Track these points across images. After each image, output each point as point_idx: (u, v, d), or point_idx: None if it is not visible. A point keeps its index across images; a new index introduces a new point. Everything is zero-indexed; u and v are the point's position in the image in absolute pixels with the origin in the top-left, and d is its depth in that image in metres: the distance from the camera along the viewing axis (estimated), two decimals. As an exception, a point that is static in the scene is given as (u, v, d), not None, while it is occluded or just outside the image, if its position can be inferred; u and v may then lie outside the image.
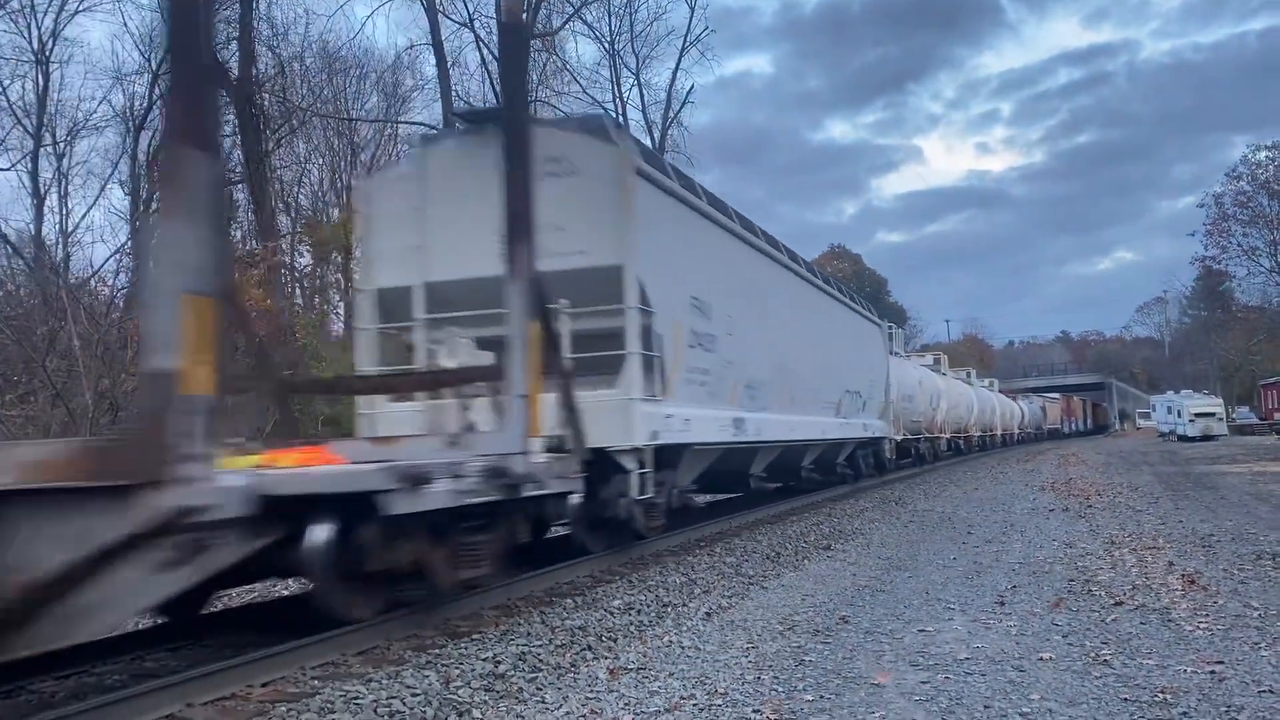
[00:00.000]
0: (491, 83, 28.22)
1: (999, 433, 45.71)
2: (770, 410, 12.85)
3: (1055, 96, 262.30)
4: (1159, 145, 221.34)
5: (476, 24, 28.05)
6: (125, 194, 32.01)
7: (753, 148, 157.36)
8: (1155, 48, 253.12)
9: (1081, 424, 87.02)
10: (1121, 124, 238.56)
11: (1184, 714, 4.26)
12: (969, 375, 42.20)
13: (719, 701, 4.63)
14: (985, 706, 4.44)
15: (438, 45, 25.85)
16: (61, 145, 32.71)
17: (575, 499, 7.72)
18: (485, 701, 4.71)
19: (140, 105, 30.10)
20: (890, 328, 28.39)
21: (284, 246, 29.36)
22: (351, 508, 5.32)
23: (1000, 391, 52.11)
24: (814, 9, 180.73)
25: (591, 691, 4.85)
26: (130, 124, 30.70)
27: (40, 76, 31.46)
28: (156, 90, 26.65)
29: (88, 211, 66.02)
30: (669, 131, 34.48)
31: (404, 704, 4.64)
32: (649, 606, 7.06)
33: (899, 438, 23.52)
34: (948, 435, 32.37)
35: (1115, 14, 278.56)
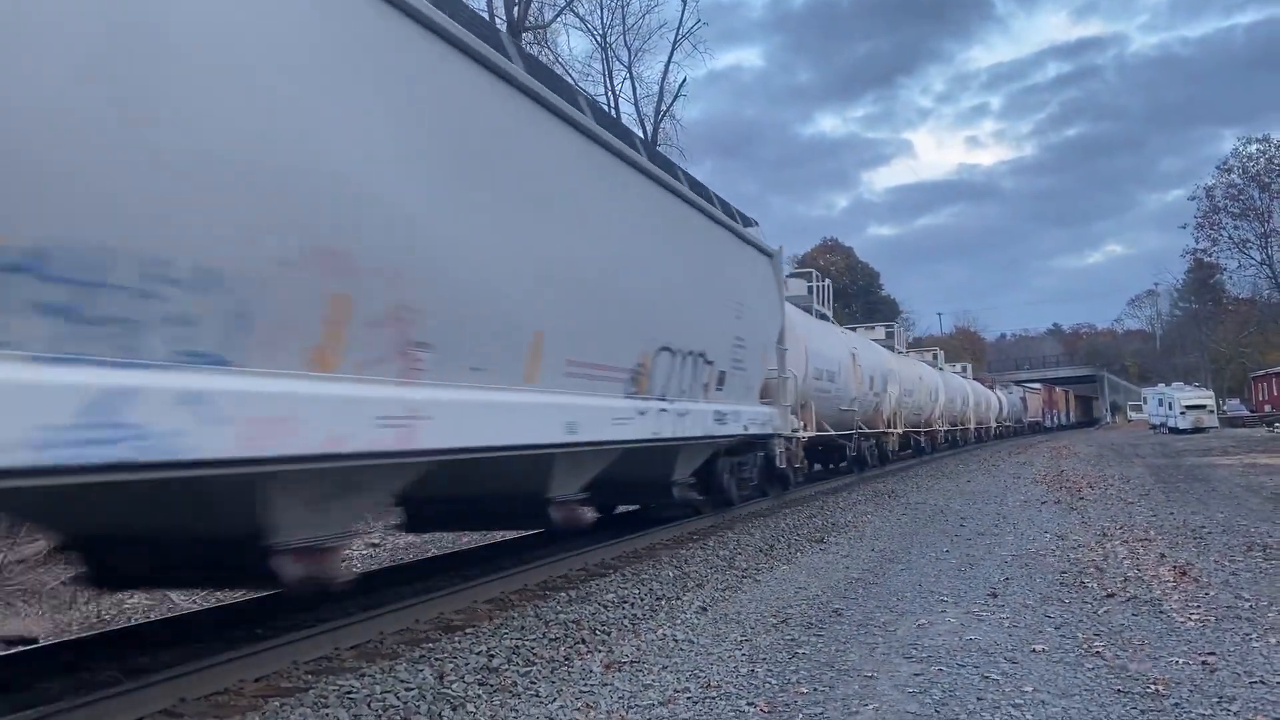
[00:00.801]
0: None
1: (972, 426, 39.73)
2: (381, 373, 4.98)
3: (1044, 90, 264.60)
4: (1147, 139, 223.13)
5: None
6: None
7: (744, 141, 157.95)
8: (1144, 41, 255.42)
9: (1064, 417, 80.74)
10: (1110, 117, 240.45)
11: (1176, 705, 4.27)
12: (935, 357, 36.23)
13: (713, 694, 4.64)
14: (978, 698, 4.45)
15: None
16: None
17: None
18: (479, 696, 4.71)
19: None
20: (811, 276, 20.48)
21: None
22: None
23: (974, 379, 46.00)
24: (804, 2, 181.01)
25: (585, 685, 4.85)
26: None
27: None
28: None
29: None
30: (661, 124, 34.33)
31: (398, 698, 4.64)
32: (642, 600, 7.06)
33: (806, 434, 15.99)
34: (900, 430, 24.75)
35: (1104, 8, 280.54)
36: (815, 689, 4.71)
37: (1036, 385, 70.83)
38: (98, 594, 8.05)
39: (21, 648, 5.93)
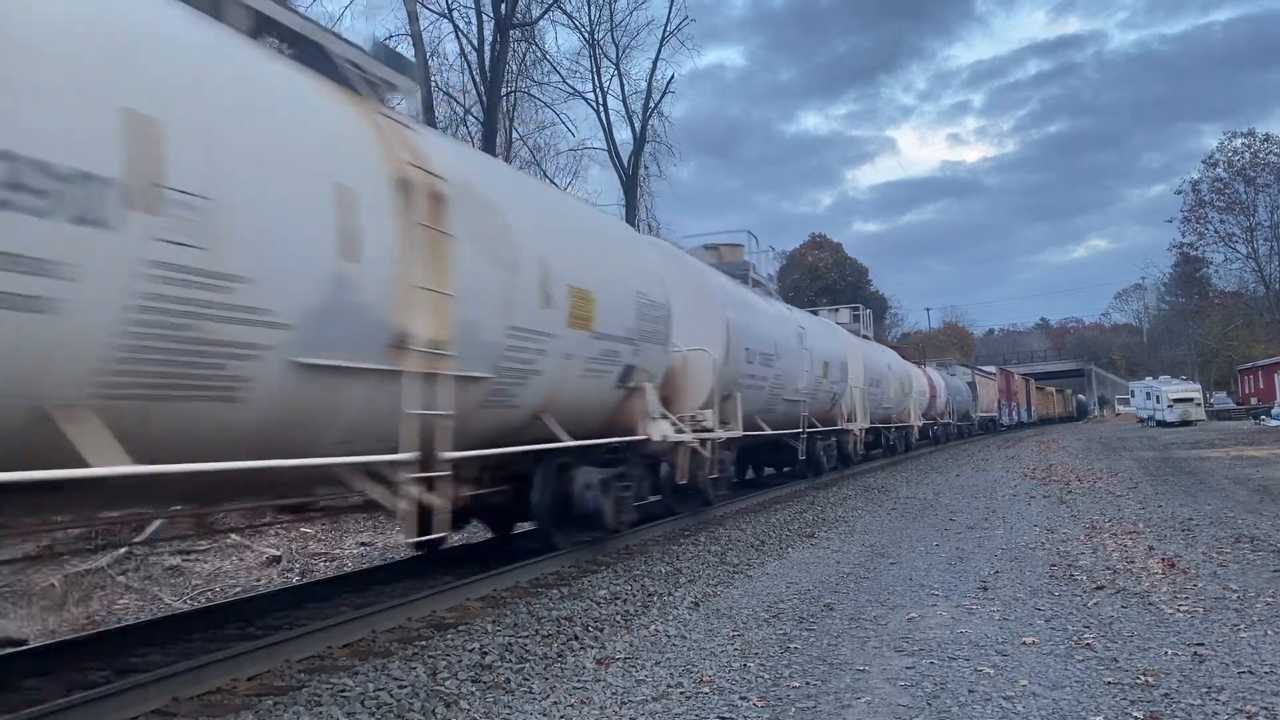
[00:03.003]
0: (471, 74, 28.09)
1: (855, 426, 20.21)
2: None
3: (1026, 87, 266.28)
4: (1128, 134, 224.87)
5: (455, 14, 27.84)
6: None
7: (728, 140, 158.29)
8: (1123, 39, 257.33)
9: (1025, 413, 62.22)
10: (1092, 114, 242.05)
11: (1166, 695, 4.31)
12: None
13: (706, 689, 4.65)
14: (970, 690, 4.48)
15: (416, 36, 25.61)
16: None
17: None
18: (472, 693, 4.71)
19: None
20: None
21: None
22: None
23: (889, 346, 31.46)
24: (784, 1, 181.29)
25: (579, 681, 4.86)
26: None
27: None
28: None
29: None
30: (649, 121, 34.28)
31: (391, 696, 4.64)
32: (635, 596, 7.07)
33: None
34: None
35: (1082, 6, 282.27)
36: (808, 683, 4.72)
37: (991, 370, 54.54)
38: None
39: (12, 649, 5.90)
